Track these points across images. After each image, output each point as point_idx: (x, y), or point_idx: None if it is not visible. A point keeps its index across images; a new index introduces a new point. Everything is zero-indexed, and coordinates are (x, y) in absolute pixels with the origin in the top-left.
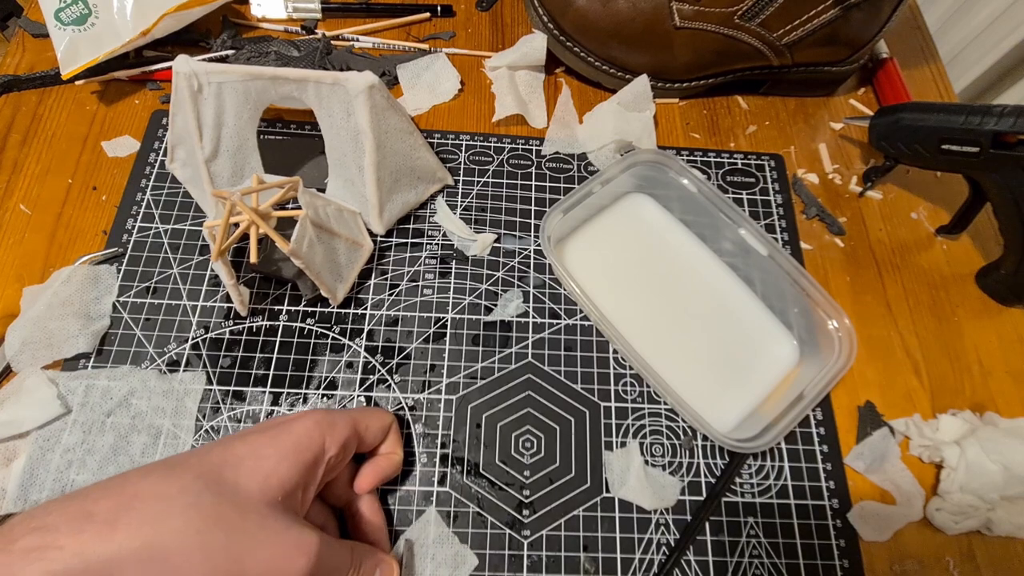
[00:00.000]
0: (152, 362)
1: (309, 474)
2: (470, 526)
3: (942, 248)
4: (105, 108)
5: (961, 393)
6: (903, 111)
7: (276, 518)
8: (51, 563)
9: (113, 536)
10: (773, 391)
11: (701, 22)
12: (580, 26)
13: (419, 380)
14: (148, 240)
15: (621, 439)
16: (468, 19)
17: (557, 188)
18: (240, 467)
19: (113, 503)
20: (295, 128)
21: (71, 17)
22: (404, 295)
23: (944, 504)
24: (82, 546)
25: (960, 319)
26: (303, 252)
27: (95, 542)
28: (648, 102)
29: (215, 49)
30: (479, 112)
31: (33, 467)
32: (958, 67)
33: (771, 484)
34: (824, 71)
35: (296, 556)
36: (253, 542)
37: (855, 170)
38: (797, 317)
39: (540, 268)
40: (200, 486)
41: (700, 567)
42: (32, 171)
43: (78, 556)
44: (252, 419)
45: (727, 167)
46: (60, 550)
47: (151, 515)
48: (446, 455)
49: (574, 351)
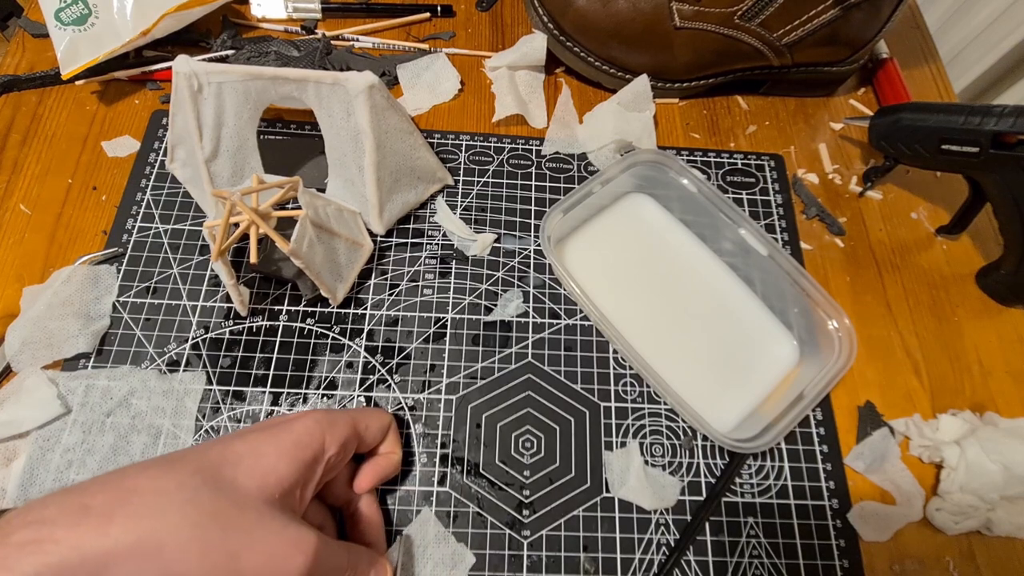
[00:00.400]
0: (152, 362)
1: (308, 472)
2: (470, 526)
3: (942, 248)
4: (105, 108)
5: (961, 393)
6: (903, 111)
7: (274, 516)
8: (47, 556)
9: (109, 530)
10: (773, 391)
11: (701, 22)
12: (580, 26)
13: (419, 380)
14: (148, 240)
15: (621, 439)
16: (468, 19)
17: (557, 188)
18: (239, 464)
19: (110, 497)
20: (295, 128)
21: (71, 17)
22: (404, 295)
23: (944, 504)
24: (78, 539)
25: (960, 319)
26: (303, 252)
27: (91, 535)
28: (648, 102)
29: (215, 49)
30: (479, 112)
31: (33, 467)
32: (958, 67)
33: (771, 484)
34: (824, 71)
35: (294, 554)
36: (250, 539)
37: (855, 170)
38: (797, 317)
39: (540, 268)
40: (198, 482)
41: (700, 567)
42: (32, 171)
43: (74, 549)
44: (252, 419)
45: (727, 167)
46: (56, 543)
47: (147, 509)
48: (446, 455)
49: (574, 351)
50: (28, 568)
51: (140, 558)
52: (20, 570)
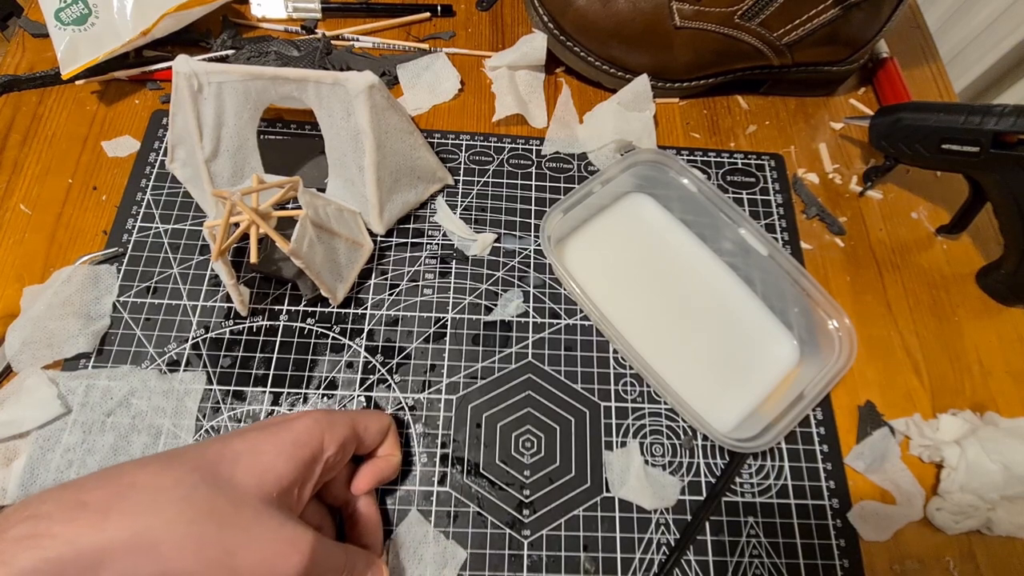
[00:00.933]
0: (152, 362)
1: (306, 472)
2: (470, 526)
3: (942, 248)
4: (105, 108)
5: (961, 393)
6: (903, 111)
7: (271, 514)
8: (43, 551)
9: (105, 525)
10: (773, 391)
11: (701, 22)
12: (580, 26)
13: (419, 380)
14: (148, 240)
15: (621, 439)
16: (468, 19)
17: (557, 188)
18: (237, 462)
19: (107, 493)
20: (295, 128)
21: (71, 17)
22: (404, 295)
23: (944, 504)
24: (74, 534)
25: (960, 319)
26: (303, 252)
27: (87, 531)
28: (648, 102)
29: (215, 49)
30: (479, 112)
31: (33, 467)
32: (958, 67)
33: (771, 484)
34: (824, 71)
35: (290, 553)
36: (247, 536)
37: (855, 170)
38: (797, 317)
39: (540, 268)
40: (196, 479)
41: (700, 567)
42: (32, 171)
43: (70, 544)
44: (252, 419)
45: (727, 167)
46: (52, 538)
47: (144, 505)
48: (446, 455)
49: (574, 351)
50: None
51: (136, 554)
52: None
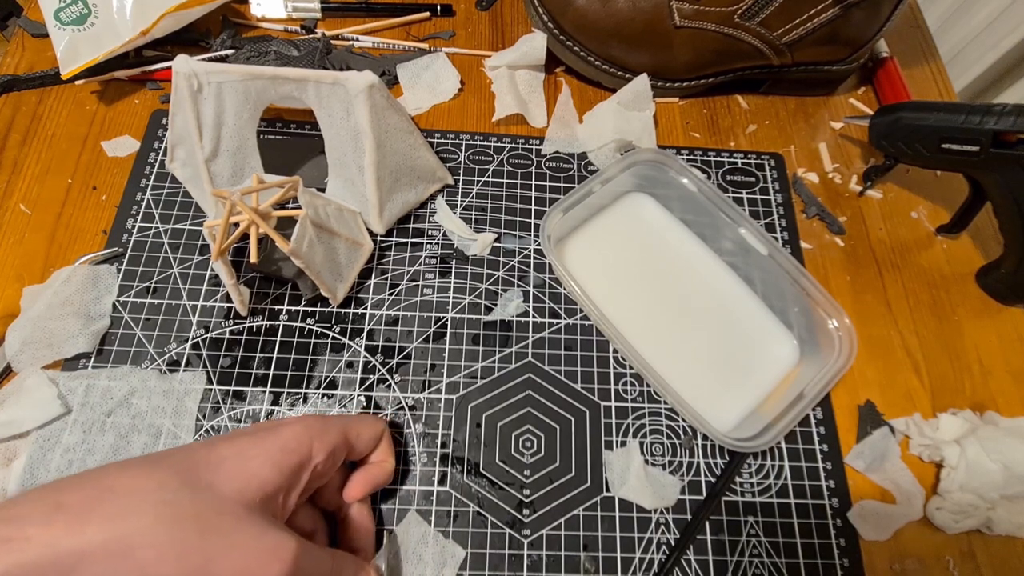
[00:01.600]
0: (152, 362)
1: (293, 479)
2: (470, 526)
3: (942, 247)
4: (105, 108)
5: (961, 392)
6: (903, 110)
7: (252, 521)
8: (20, 554)
9: (83, 528)
10: (773, 390)
11: (701, 21)
12: (580, 25)
13: (419, 380)
14: (148, 240)
15: (621, 438)
16: (468, 19)
17: (557, 188)
18: (221, 467)
19: (86, 495)
20: (295, 128)
21: (71, 17)
22: (404, 295)
23: (944, 503)
24: (50, 537)
25: (960, 318)
26: (303, 252)
27: (64, 534)
28: (648, 101)
29: (215, 49)
30: (479, 112)
31: (33, 467)
32: (958, 66)
33: (771, 483)
34: (824, 70)
35: (270, 561)
36: (226, 543)
37: (855, 169)
38: (797, 316)
39: (540, 268)
40: (178, 483)
41: (700, 566)
42: (32, 171)
43: (46, 547)
44: (252, 419)
45: (727, 166)
46: (27, 541)
47: (122, 509)
48: (446, 455)
49: (574, 351)
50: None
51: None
52: None
